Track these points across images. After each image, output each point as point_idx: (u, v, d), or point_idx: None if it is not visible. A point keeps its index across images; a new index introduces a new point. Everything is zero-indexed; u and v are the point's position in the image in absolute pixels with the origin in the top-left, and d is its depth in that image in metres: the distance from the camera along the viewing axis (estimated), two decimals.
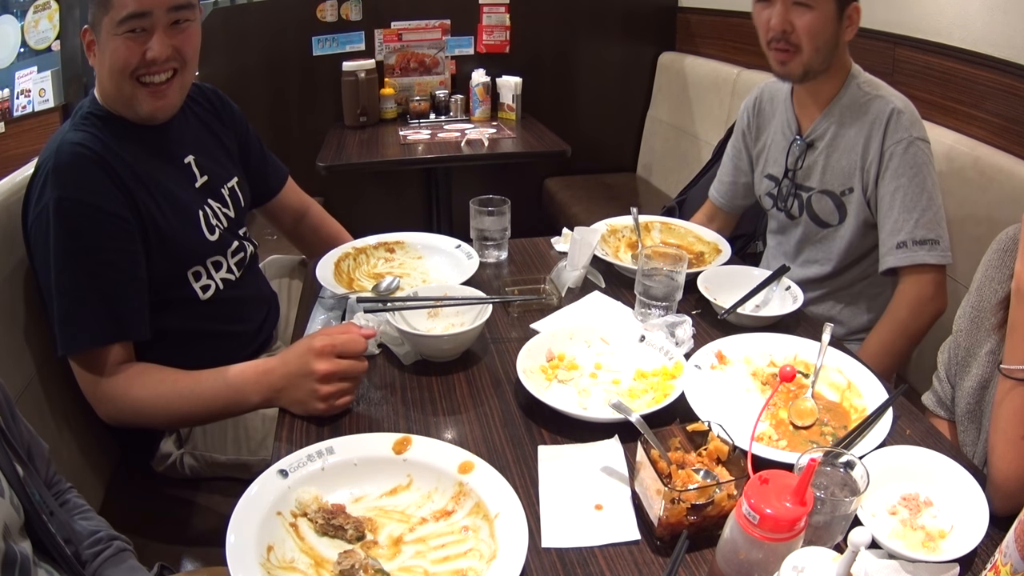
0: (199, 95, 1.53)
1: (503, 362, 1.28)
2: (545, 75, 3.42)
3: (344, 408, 1.14)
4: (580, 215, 3.07)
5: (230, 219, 1.49)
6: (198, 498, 1.48)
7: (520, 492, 0.94)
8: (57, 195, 1.19)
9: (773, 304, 1.44)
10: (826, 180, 1.61)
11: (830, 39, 1.49)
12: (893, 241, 1.51)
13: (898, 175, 1.49)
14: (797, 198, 1.68)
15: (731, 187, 1.90)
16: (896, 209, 1.50)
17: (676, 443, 0.97)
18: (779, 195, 1.72)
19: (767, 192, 1.77)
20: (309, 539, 0.89)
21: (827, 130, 1.60)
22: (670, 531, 0.88)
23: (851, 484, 0.86)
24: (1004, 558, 0.73)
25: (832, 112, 1.58)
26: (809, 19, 1.46)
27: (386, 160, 2.79)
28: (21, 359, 1.31)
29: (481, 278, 1.54)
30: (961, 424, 1.19)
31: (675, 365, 1.19)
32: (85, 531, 0.98)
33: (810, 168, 1.64)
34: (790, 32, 1.48)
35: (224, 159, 1.54)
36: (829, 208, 1.62)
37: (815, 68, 1.52)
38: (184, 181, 1.41)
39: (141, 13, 1.20)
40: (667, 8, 3.46)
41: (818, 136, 1.61)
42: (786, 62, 1.52)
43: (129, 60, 1.23)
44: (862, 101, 1.54)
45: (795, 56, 1.50)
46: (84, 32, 1.26)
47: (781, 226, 1.78)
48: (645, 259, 1.37)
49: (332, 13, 3.17)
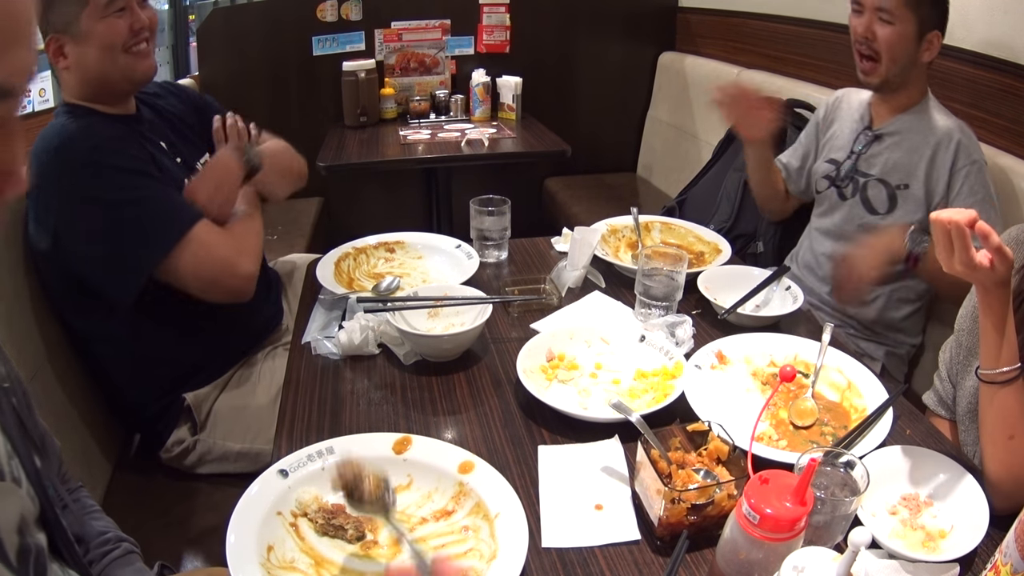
0: (157, 89, 1.65)
1: (503, 362, 1.28)
2: (545, 75, 3.41)
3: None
4: (580, 215, 3.06)
5: None
6: (198, 497, 1.49)
7: (520, 492, 0.94)
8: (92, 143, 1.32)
9: (773, 304, 1.44)
10: (886, 171, 1.70)
11: (908, 55, 1.60)
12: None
13: (974, 192, 1.59)
14: (853, 181, 1.76)
15: (799, 171, 1.97)
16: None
17: (676, 443, 0.97)
18: (837, 175, 1.80)
19: (825, 175, 1.84)
20: (309, 539, 0.89)
21: (897, 129, 1.69)
22: (670, 531, 0.88)
23: (851, 484, 0.86)
24: (1004, 558, 0.73)
25: (905, 116, 1.69)
26: (889, 32, 1.58)
27: (386, 160, 2.79)
28: (27, 352, 1.31)
29: (481, 278, 1.54)
30: (962, 424, 1.19)
31: (675, 365, 1.19)
32: (94, 531, 0.98)
33: (873, 157, 1.73)
34: (872, 40, 1.60)
35: (194, 138, 1.65)
36: (882, 197, 1.70)
37: (892, 81, 1.63)
38: (165, 160, 1.49)
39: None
40: (667, 8, 3.45)
41: (887, 132, 1.71)
42: (868, 72, 1.65)
43: (118, 36, 1.36)
44: (934, 115, 1.65)
45: (876, 67, 1.62)
46: (50, 41, 1.35)
47: (830, 206, 1.83)
48: (645, 259, 1.37)
49: (332, 13, 3.17)
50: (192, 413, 1.50)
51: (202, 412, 1.51)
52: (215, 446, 1.50)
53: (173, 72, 3.31)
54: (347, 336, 1.28)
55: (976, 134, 1.73)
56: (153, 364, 1.49)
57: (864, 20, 1.63)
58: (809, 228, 1.94)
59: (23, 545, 0.75)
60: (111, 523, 1.03)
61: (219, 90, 3.10)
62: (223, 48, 3.10)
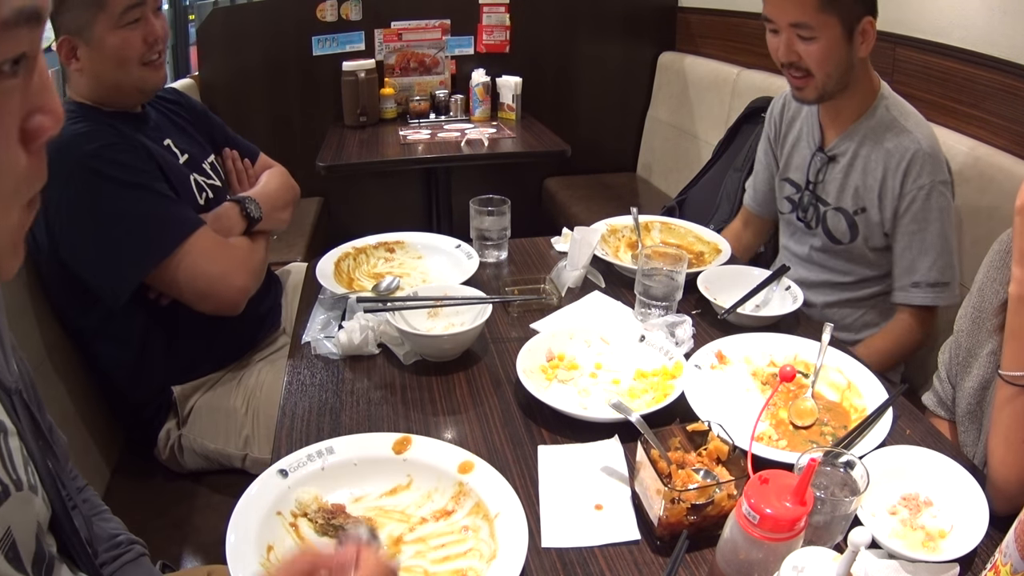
0: (162, 93, 1.65)
1: (503, 362, 1.28)
2: (545, 75, 3.42)
3: None
4: (580, 215, 3.07)
5: (216, 188, 1.60)
6: (198, 496, 1.49)
7: (520, 492, 0.94)
8: (89, 149, 1.31)
9: (773, 304, 1.44)
10: (841, 198, 1.61)
11: (842, 61, 1.46)
12: (908, 280, 1.57)
13: (917, 219, 1.52)
14: (816, 211, 1.68)
15: (767, 194, 1.89)
16: (913, 250, 1.55)
17: (676, 443, 0.97)
18: (799, 204, 1.72)
19: (787, 196, 1.77)
20: (309, 539, 0.89)
21: (848, 148, 1.59)
22: (670, 531, 0.88)
23: (851, 484, 0.86)
24: (1004, 558, 0.72)
25: (856, 132, 1.57)
26: (814, 49, 1.44)
27: (386, 160, 2.79)
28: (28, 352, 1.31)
29: (481, 278, 1.54)
30: (961, 424, 1.19)
31: (675, 365, 1.19)
32: (104, 533, 0.98)
33: (829, 183, 1.63)
34: (797, 60, 1.47)
35: (199, 140, 1.66)
36: (843, 227, 1.63)
37: (830, 90, 1.50)
38: (170, 158, 1.50)
39: (139, 2, 1.35)
40: (667, 8, 3.45)
41: (840, 152, 1.60)
42: (801, 88, 1.51)
43: (135, 49, 1.37)
44: (887, 126, 1.53)
45: (809, 81, 1.49)
46: (63, 42, 1.34)
47: (798, 234, 1.77)
48: (645, 259, 1.37)
49: (332, 13, 3.17)
50: (177, 407, 1.53)
51: (185, 407, 1.54)
52: (194, 443, 1.53)
53: (173, 72, 3.31)
54: (347, 336, 1.28)
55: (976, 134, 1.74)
56: (153, 362, 1.50)
57: (783, 40, 1.47)
58: (780, 257, 1.87)
59: (39, 552, 0.75)
60: (120, 524, 1.03)
61: (219, 90, 3.11)
62: (223, 48, 3.10)
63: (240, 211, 1.54)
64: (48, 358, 1.37)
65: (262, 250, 1.57)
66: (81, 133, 1.32)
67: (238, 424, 1.53)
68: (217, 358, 1.59)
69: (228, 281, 1.42)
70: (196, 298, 1.40)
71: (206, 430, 1.53)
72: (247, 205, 1.55)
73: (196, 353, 1.55)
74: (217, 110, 2.97)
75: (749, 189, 1.95)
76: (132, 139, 1.39)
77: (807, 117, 1.70)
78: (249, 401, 1.54)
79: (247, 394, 1.55)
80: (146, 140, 1.44)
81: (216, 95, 3.10)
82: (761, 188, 1.90)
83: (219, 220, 1.49)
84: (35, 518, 0.76)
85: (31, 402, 0.83)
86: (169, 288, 1.39)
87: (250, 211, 1.55)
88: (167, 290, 1.40)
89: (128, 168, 1.34)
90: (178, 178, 1.47)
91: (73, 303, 1.42)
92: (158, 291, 1.42)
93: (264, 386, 1.55)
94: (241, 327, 1.57)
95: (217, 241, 1.43)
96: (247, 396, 1.55)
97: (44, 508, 0.79)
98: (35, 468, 0.78)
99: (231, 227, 1.51)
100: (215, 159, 1.68)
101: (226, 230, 1.49)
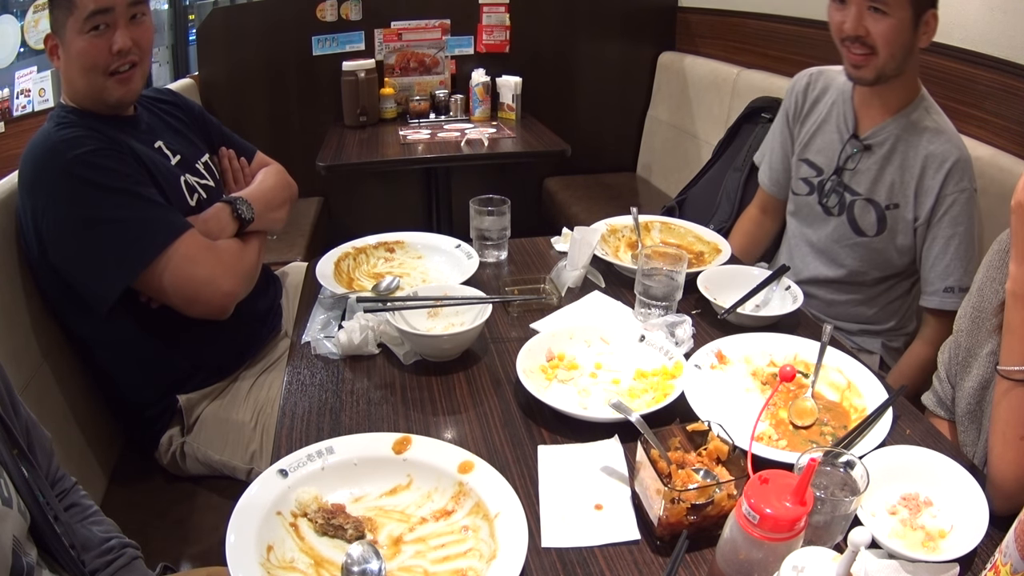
0: (157, 95, 1.65)
1: (503, 362, 1.28)
2: (545, 75, 3.41)
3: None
4: (580, 215, 3.07)
5: (209, 188, 1.58)
6: (198, 497, 1.49)
7: (520, 492, 0.94)
8: (73, 155, 1.28)
9: (773, 304, 1.44)
10: (874, 190, 1.60)
11: (905, 45, 1.45)
12: (942, 284, 1.56)
13: (957, 223, 1.52)
14: (839, 197, 1.65)
15: (783, 173, 1.85)
16: (949, 255, 1.54)
17: (676, 443, 0.97)
18: (820, 187, 1.69)
19: (803, 177, 1.73)
20: (309, 539, 0.89)
21: (886, 140, 1.56)
22: (670, 531, 0.88)
23: (851, 484, 0.86)
24: (1004, 558, 0.72)
25: (895, 124, 1.55)
26: (885, 26, 1.42)
27: (386, 160, 2.79)
28: (25, 353, 1.31)
29: (481, 278, 1.54)
30: (961, 424, 1.19)
31: (675, 365, 1.19)
32: (95, 538, 0.97)
33: (861, 173, 1.61)
34: (865, 37, 1.44)
35: (194, 140, 1.65)
36: (871, 220, 1.61)
37: (888, 73, 1.48)
38: (160, 160, 1.49)
39: (105, 9, 1.30)
40: (667, 8, 3.45)
41: (878, 142, 1.58)
42: (861, 65, 1.48)
43: (99, 58, 1.33)
44: (926, 127, 1.53)
45: (871, 59, 1.46)
46: (47, 38, 1.34)
47: (813, 218, 1.73)
48: (645, 259, 1.37)
49: (332, 13, 3.17)
50: (183, 415, 1.51)
51: (191, 416, 1.52)
52: (198, 451, 1.51)
53: (173, 72, 3.31)
54: (347, 336, 1.28)
55: (976, 134, 1.74)
56: (153, 366, 1.49)
57: (852, 14, 1.44)
58: (788, 237, 1.84)
59: (16, 565, 0.75)
60: (112, 526, 1.02)
61: (219, 90, 3.11)
62: (223, 48, 3.10)
63: (231, 212, 1.52)
64: (46, 361, 1.37)
65: (254, 252, 1.55)
66: (66, 139, 1.30)
67: (245, 439, 1.51)
68: (220, 362, 1.58)
69: (215, 285, 1.40)
70: (183, 303, 1.39)
71: (212, 441, 1.51)
72: (238, 206, 1.54)
73: (196, 356, 1.53)
74: (217, 110, 2.99)
75: (764, 170, 1.91)
76: (119, 143, 1.37)
77: (839, 100, 1.66)
78: (258, 417, 1.53)
79: (257, 408, 1.54)
80: (135, 143, 1.42)
81: (216, 95, 3.10)
82: (777, 167, 1.86)
83: (209, 222, 1.48)
84: (11, 531, 0.75)
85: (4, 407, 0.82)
86: (156, 293, 1.38)
87: (241, 212, 1.53)
88: (155, 295, 1.39)
89: (113, 173, 1.32)
90: (168, 181, 1.46)
91: (69, 307, 1.41)
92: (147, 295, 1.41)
93: (274, 402, 1.52)
94: (240, 329, 1.57)
95: (204, 245, 1.40)
96: (257, 411, 1.53)
97: (21, 520, 0.78)
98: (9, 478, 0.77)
99: (222, 229, 1.49)
100: (210, 159, 1.67)
101: (217, 232, 1.47)
